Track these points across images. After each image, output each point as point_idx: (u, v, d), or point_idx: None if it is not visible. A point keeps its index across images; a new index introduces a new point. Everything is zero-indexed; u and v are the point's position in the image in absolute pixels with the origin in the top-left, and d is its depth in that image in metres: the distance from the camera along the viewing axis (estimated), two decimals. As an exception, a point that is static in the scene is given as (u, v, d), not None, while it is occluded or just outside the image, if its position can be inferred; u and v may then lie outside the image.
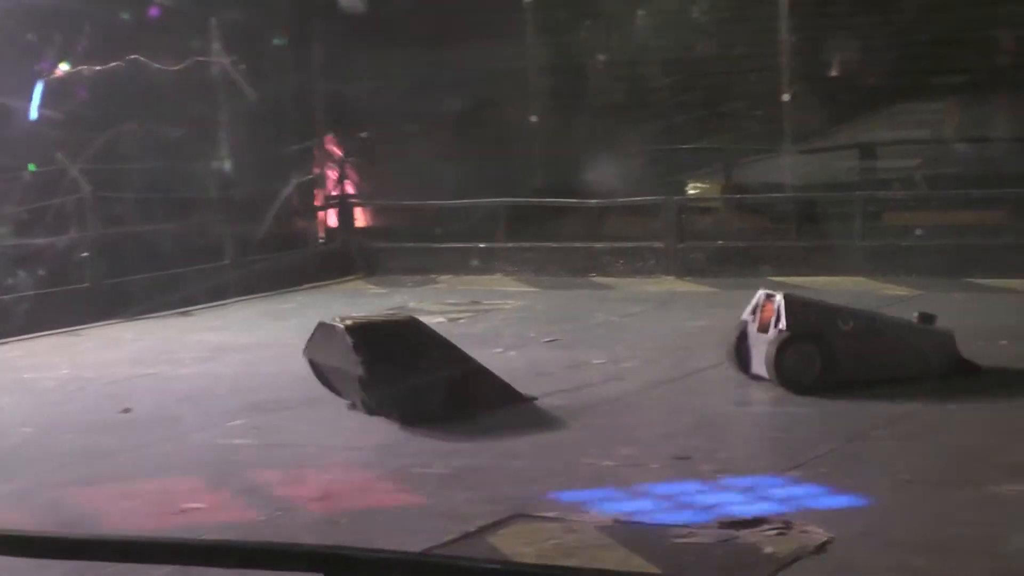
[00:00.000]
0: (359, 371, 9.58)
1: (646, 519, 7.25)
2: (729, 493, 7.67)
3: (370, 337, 9.70)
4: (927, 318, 10.23)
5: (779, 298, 10.15)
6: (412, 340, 9.83)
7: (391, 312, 10.42)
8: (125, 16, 16.46)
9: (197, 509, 7.95)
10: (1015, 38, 17.63)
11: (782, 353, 9.90)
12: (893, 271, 15.15)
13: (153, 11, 16.60)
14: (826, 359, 9.89)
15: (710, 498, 7.59)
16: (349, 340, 9.63)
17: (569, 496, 7.75)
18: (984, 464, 8.05)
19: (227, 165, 17.37)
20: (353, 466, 8.69)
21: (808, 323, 9.99)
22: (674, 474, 8.09)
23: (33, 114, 15.40)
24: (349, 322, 9.90)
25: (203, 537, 7.10)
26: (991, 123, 17.81)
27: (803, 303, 10.25)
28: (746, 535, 6.90)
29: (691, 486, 7.83)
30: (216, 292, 16.29)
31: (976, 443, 8.58)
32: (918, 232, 15.80)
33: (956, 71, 17.94)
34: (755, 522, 7.03)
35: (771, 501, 7.45)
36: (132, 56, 16.25)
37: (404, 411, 9.60)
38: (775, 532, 6.91)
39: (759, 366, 10.11)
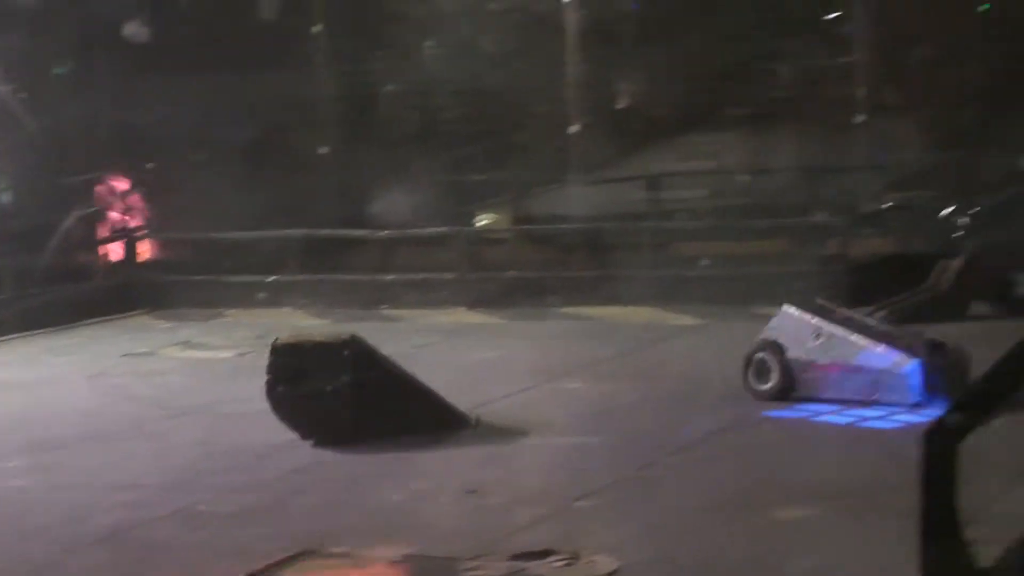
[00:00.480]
0: (265, 389, 9.74)
1: (435, 552, 7.28)
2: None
3: (289, 356, 9.74)
4: (935, 345, 10.35)
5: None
6: (330, 360, 9.71)
7: (338, 332, 10.36)
8: None
9: (-27, 554, 7.75)
10: (795, 71, 18.18)
11: (746, 361, 10.60)
12: (681, 301, 15.39)
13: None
14: (783, 371, 10.43)
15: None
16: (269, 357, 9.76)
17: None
18: (769, 488, 8.25)
19: (5, 196, 16.98)
20: (139, 505, 8.55)
21: (780, 333, 10.59)
22: (465, 507, 8.14)
23: None
24: (280, 340, 9.93)
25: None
26: (773, 154, 18.30)
27: (797, 314, 10.69)
28: (535, 567, 6.96)
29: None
30: (-4, 328, 15.90)
31: (764, 467, 8.79)
32: (704, 262, 16.12)
33: (740, 103, 18.40)
34: (543, 553, 7.11)
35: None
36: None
37: (302, 430, 9.71)
38: (563, 563, 6.99)
39: None
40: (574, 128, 17.73)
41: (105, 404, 11.94)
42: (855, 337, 10.41)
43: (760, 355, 10.52)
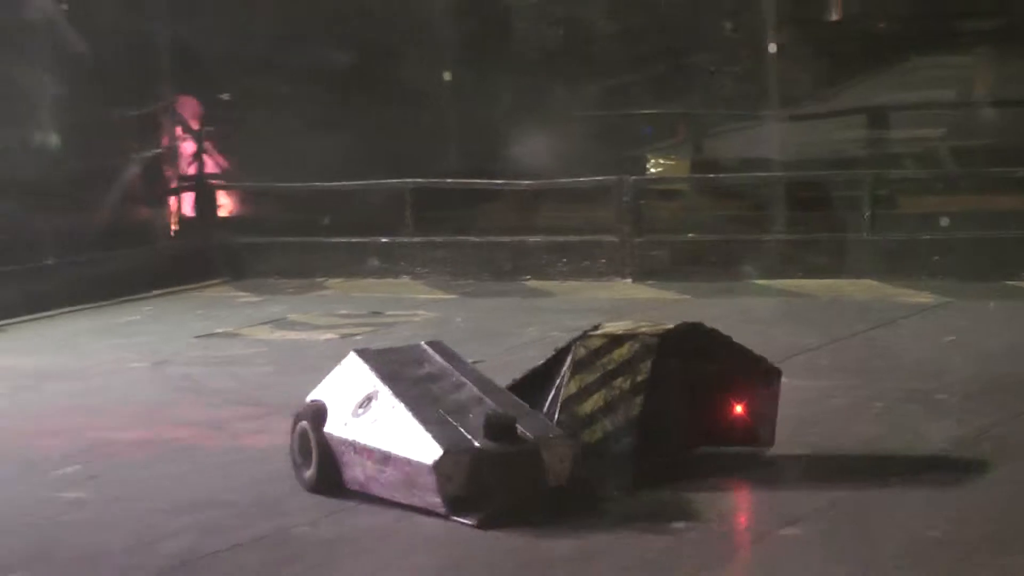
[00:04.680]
0: None
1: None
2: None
3: None
4: (499, 426, 8.71)
5: None
6: None
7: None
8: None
9: (16, 587, 7.92)
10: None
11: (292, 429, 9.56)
12: (912, 272, 15.27)
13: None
14: (320, 451, 9.31)
15: None
16: None
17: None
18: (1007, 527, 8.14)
19: (48, 136, 17.26)
20: (215, 528, 8.65)
21: (331, 392, 9.55)
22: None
23: None
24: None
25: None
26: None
27: (358, 364, 9.56)
28: None
29: None
30: (36, 302, 16.17)
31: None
32: (944, 222, 15.93)
33: (988, 14, 18.15)
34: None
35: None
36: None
37: None
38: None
39: None
40: (772, 47, 17.59)
41: (175, 399, 12.12)
42: (402, 408, 8.99)
43: (301, 423, 9.40)
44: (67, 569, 8.15)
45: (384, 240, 17.49)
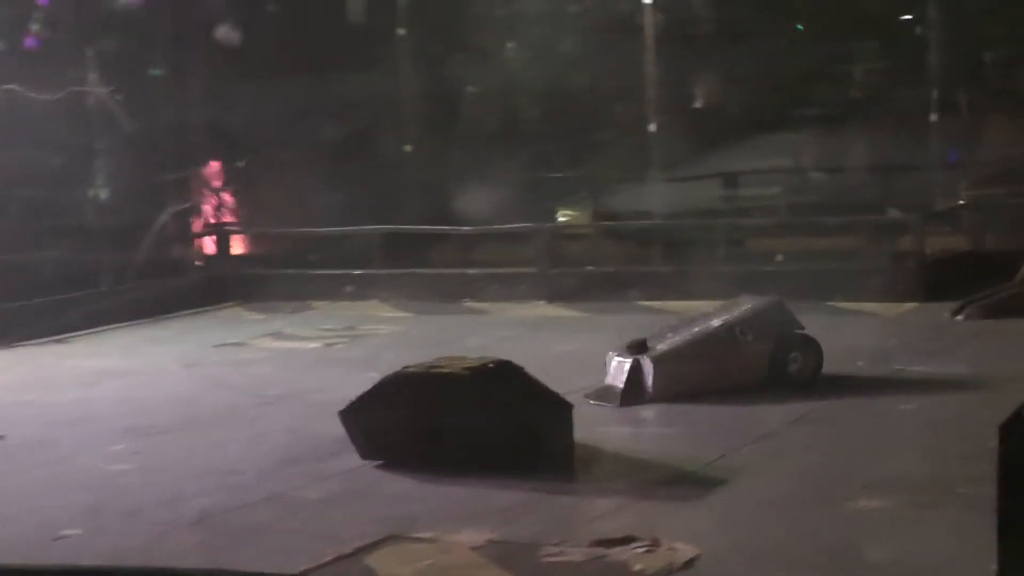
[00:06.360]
0: None
1: (517, 538, 7.26)
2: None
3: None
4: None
5: None
6: None
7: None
8: (0, 46, 16.21)
9: (75, 535, 7.82)
10: (866, 73, 18.03)
11: None
12: (757, 295, 15.26)
13: (29, 41, 16.37)
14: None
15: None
16: None
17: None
18: (843, 482, 8.16)
19: (104, 193, 17.16)
20: (232, 489, 8.59)
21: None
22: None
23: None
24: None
25: (79, 564, 6.98)
26: (847, 153, 18.16)
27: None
28: (616, 553, 6.93)
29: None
30: (94, 319, 16.02)
31: (836, 462, 8.68)
32: (779, 258, 15.98)
33: (814, 104, 18.28)
34: (624, 540, 7.07)
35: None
36: (8, 86, 16.01)
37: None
38: (644, 550, 6.95)
39: None
40: (652, 127, 17.65)
41: (200, 392, 12.00)
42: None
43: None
44: (114, 523, 8.07)
45: (358, 272, 17.37)
